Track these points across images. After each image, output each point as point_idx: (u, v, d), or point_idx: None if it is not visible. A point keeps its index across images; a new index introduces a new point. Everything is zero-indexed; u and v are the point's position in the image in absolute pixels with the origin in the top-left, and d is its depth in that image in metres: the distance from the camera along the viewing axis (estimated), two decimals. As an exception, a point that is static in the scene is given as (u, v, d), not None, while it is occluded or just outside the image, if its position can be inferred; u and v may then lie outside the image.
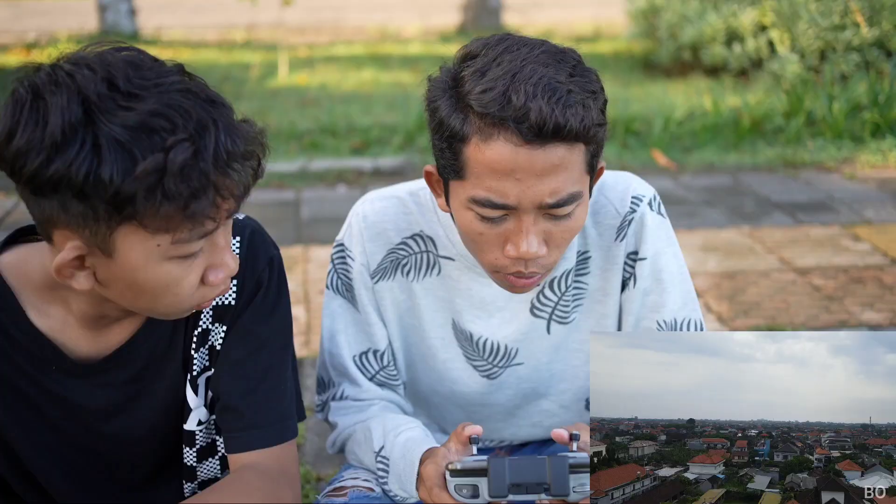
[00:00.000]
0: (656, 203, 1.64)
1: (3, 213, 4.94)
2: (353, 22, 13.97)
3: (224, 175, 1.15)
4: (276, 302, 1.46)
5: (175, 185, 1.11)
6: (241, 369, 1.43)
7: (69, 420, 1.41)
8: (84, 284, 1.22)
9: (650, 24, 8.87)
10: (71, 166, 1.10)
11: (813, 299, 3.77)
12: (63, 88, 1.12)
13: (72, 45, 4.18)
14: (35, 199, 1.15)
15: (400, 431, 1.59)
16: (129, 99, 1.12)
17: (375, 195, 1.70)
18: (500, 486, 1.31)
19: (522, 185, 1.37)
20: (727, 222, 4.76)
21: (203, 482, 1.55)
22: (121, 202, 1.12)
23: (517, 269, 1.45)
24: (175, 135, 1.11)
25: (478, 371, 1.70)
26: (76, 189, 1.11)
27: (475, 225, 1.43)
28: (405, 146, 6.15)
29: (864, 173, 5.60)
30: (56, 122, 1.10)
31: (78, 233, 1.16)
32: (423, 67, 9.19)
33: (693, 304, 1.66)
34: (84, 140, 1.10)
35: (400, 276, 1.67)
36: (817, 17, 7.17)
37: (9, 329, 1.33)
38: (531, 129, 1.32)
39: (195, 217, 1.15)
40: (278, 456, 1.45)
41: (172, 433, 1.50)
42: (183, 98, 1.14)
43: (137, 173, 1.10)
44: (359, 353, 1.69)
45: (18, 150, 1.12)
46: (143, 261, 1.18)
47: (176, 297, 1.24)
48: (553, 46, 1.41)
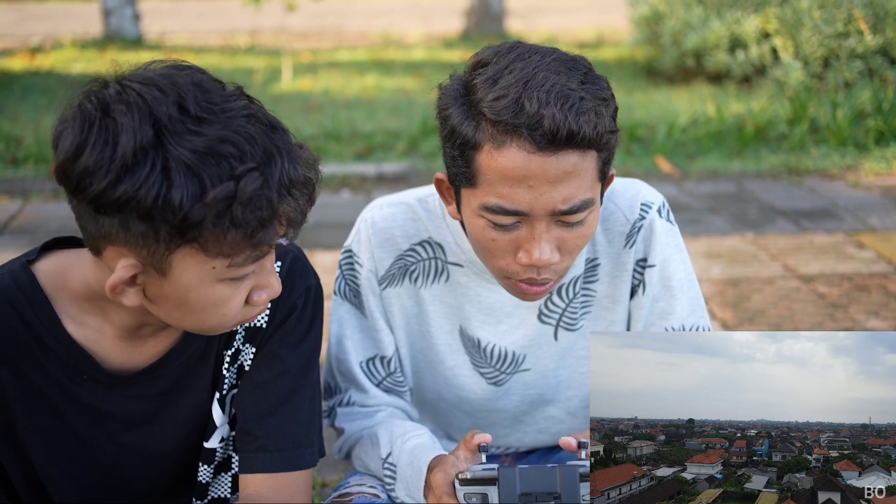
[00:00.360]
0: (665, 210, 1.64)
1: (8, 216, 4.95)
2: (357, 28, 13.99)
3: (285, 202, 1.16)
4: (308, 330, 1.46)
5: (243, 213, 1.12)
6: (262, 392, 1.44)
7: (93, 429, 1.40)
8: (133, 301, 1.22)
9: (653, 31, 8.87)
10: (140, 188, 1.09)
11: (817, 307, 3.76)
12: (134, 108, 1.11)
13: (75, 49, 4.17)
14: (94, 215, 1.14)
15: (407, 438, 1.59)
16: (199, 123, 1.12)
17: (384, 201, 1.69)
18: (511, 495, 1.30)
19: (535, 191, 1.36)
20: (731, 229, 4.76)
21: (213, 501, 1.55)
22: (187, 227, 1.12)
23: (529, 276, 1.45)
24: (244, 163, 1.12)
25: (485, 378, 1.70)
26: (143, 211, 1.11)
27: (487, 232, 1.43)
28: (409, 152, 6.15)
29: (867, 181, 5.60)
30: (127, 142, 1.09)
31: (135, 251, 1.16)
32: (427, 73, 9.20)
33: (701, 310, 1.66)
34: (154, 162, 1.10)
35: (408, 283, 1.66)
36: (821, 25, 7.17)
37: (43, 337, 1.32)
38: (544, 136, 1.32)
39: (260, 245, 1.16)
40: (284, 486, 1.44)
41: (190, 451, 1.49)
42: (248, 123, 1.14)
43: (207, 200, 1.10)
44: (366, 360, 1.69)
45: (86, 169, 1.11)
46: (197, 282, 1.18)
47: (223, 318, 1.25)
48: (564, 54, 1.41)
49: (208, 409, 1.47)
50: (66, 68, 9.63)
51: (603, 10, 15.05)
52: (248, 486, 1.45)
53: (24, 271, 1.31)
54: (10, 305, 1.30)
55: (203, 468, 1.51)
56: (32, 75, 9.21)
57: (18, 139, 6.24)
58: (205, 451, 1.49)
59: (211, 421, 1.47)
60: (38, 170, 5.72)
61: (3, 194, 5.30)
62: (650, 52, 9.10)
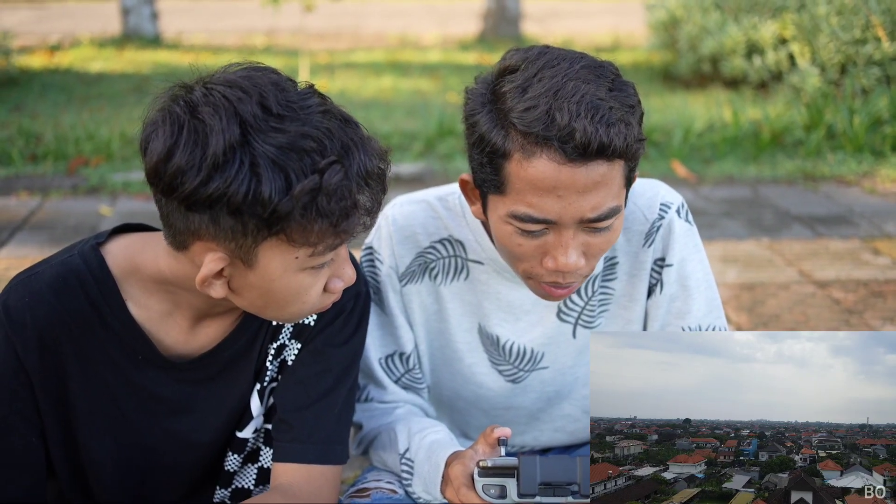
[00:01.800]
0: (684, 210, 1.65)
1: (27, 212, 4.99)
2: (373, 29, 14.03)
3: (363, 192, 1.22)
4: (353, 333, 1.53)
5: (328, 204, 1.18)
6: (303, 386, 1.49)
7: (141, 412, 1.44)
8: (220, 293, 1.27)
9: (670, 36, 8.87)
10: (231, 185, 1.15)
11: (833, 312, 3.76)
12: (220, 109, 1.17)
13: (94, 47, 4.20)
14: (185, 213, 1.20)
15: (426, 434, 1.61)
16: (280, 121, 1.18)
17: (405, 199, 1.71)
18: (531, 484, 1.32)
19: (564, 201, 1.37)
20: (747, 234, 4.76)
21: (236, 490, 1.58)
22: (276, 219, 1.17)
23: (554, 280, 1.46)
24: (325, 157, 1.18)
25: (503, 375, 1.71)
26: (233, 206, 1.16)
27: (514, 238, 1.44)
28: (425, 153, 6.17)
29: (884, 188, 5.58)
30: (217, 142, 1.15)
31: (223, 245, 1.22)
32: (443, 75, 9.22)
33: (718, 311, 1.67)
34: (242, 160, 1.15)
35: (427, 280, 1.68)
36: (838, 31, 7.15)
37: (106, 317, 1.37)
38: (576, 148, 1.32)
39: (344, 234, 1.22)
40: (314, 478, 1.48)
41: (222, 441, 1.53)
42: (324, 119, 1.20)
43: (294, 192, 1.16)
44: (385, 356, 1.71)
45: (178, 169, 1.16)
46: (281, 272, 1.24)
47: (303, 305, 1.31)
48: (592, 60, 1.41)
49: (247, 400, 1.51)
50: (84, 67, 9.70)
51: (620, 14, 15.04)
52: (280, 474, 1.49)
53: (94, 253, 1.37)
54: (79, 284, 1.35)
55: (231, 456, 1.54)
56: (51, 73, 9.29)
57: (38, 136, 6.29)
58: (237, 440, 1.53)
59: (248, 411, 1.51)
60: (58, 166, 5.77)
61: (23, 190, 5.35)
62: (667, 57, 9.09)
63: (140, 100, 8.05)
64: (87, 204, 5.13)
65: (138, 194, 5.27)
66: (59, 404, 1.39)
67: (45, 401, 1.37)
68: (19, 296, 1.34)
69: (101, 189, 5.40)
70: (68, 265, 1.36)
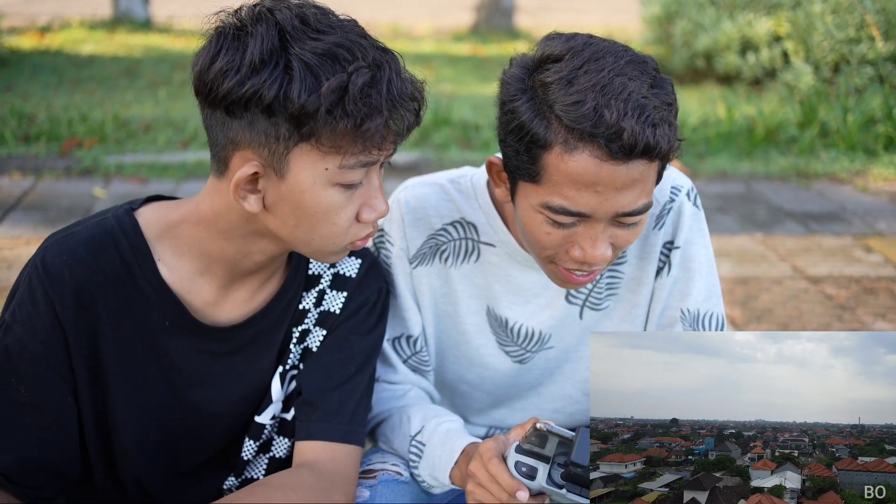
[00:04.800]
0: (693, 194, 1.66)
1: (20, 193, 4.96)
2: (365, 19, 13.92)
3: (393, 108, 1.26)
4: (376, 324, 1.59)
5: (354, 103, 1.22)
6: (329, 370, 1.52)
7: (160, 379, 1.45)
8: (254, 207, 1.30)
9: (664, 31, 8.89)
10: (265, 83, 1.21)
11: (825, 308, 3.78)
12: (263, 20, 1.25)
13: (84, 29, 4.17)
14: (227, 120, 1.26)
15: (442, 421, 1.62)
16: (318, 33, 1.25)
17: (416, 181, 1.71)
18: (584, 455, 1.31)
19: (601, 197, 1.37)
20: (740, 229, 4.78)
21: (245, 480, 1.59)
22: (304, 117, 1.22)
23: (579, 268, 1.47)
24: (356, 63, 1.23)
25: (510, 357, 1.72)
26: (265, 104, 1.22)
27: (543, 226, 1.43)
28: (420, 142, 6.16)
29: (876, 186, 5.62)
30: (255, 47, 1.22)
31: (258, 152, 1.27)
32: (436, 66, 9.20)
33: (717, 298, 1.68)
34: (278, 62, 1.22)
35: (438, 263, 1.68)
36: (833, 30, 7.19)
37: (138, 279, 1.40)
38: (622, 148, 1.32)
39: (367, 137, 1.25)
40: (339, 457, 1.50)
41: (239, 424, 1.54)
42: (361, 38, 1.27)
43: (322, 91, 1.21)
44: (392, 338, 1.71)
45: (219, 71, 1.23)
46: (311, 182, 1.28)
47: (333, 227, 1.32)
48: (636, 55, 1.40)
49: (267, 382, 1.52)
50: (74, 49, 9.63)
51: (613, 9, 15.05)
52: (305, 452, 1.50)
53: (128, 216, 1.40)
54: (114, 245, 1.38)
55: (248, 444, 1.55)
56: (42, 54, 9.21)
57: (30, 116, 6.24)
58: (254, 425, 1.54)
59: (268, 395, 1.53)
60: (50, 148, 5.73)
61: (16, 171, 5.32)
62: (661, 52, 9.11)
63: (132, 83, 8.01)
64: (81, 186, 5.10)
65: (131, 177, 5.24)
66: (92, 364, 1.40)
67: (78, 359, 1.39)
68: (56, 253, 1.36)
69: (94, 171, 5.36)
70: (103, 226, 1.39)
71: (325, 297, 1.55)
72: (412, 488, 1.65)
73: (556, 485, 1.35)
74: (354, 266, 1.57)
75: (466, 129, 6.35)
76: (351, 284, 1.55)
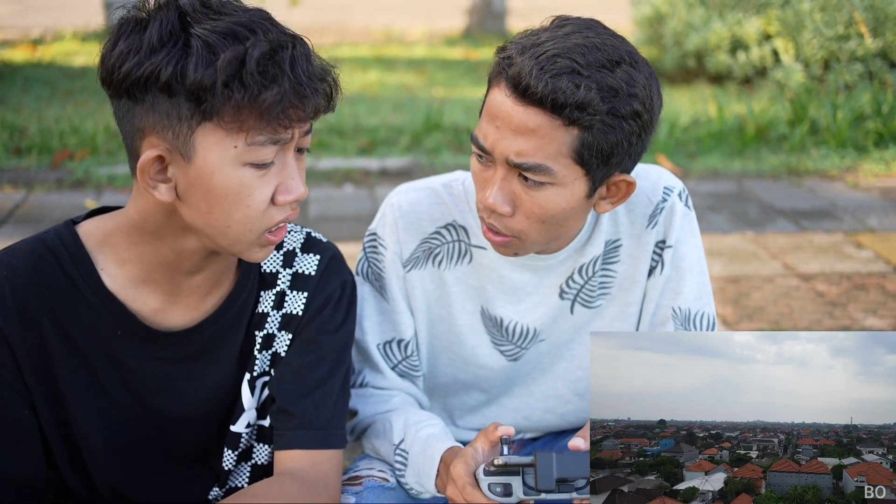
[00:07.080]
0: (685, 196, 1.69)
1: (12, 206, 4.97)
2: (359, 24, 13.99)
3: (297, 84, 1.24)
4: (343, 321, 1.56)
5: (251, 75, 1.21)
6: (300, 376, 1.51)
7: (120, 387, 1.45)
8: (166, 196, 1.29)
9: (655, 32, 8.90)
10: (162, 61, 1.21)
11: (816, 305, 3.79)
12: (164, 7, 1.26)
13: (76, 41, 4.19)
14: (130, 106, 1.26)
15: (422, 427, 1.62)
16: (219, 15, 1.25)
17: (409, 186, 1.74)
18: (548, 480, 1.31)
19: (499, 133, 1.44)
20: (731, 228, 4.79)
21: (229, 490, 1.59)
22: (202, 92, 1.21)
23: (490, 221, 1.52)
24: (255, 38, 1.23)
25: (504, 355, 1.74)
26: (163, 83, 1.22)
27: (474, 162, 1.53)
28: (412, 147, 6.18)
29: (867, 182, 5.64)
30: (155, 29, 1.23)
31: (163, 136, 1.26)
32: (429, 70, 9.21)
33: (708, 297, 1.69)
34: (177, 42, 1.23)
35: (431, 266, 1.70)
36: (822, 27, 7.20)
37: (83, 290, 1.39)
38: (517, 89, 1.40)
39: (268, 111, 1.23)
40: (320, 462, 1.50)
41: (216, 435, 1.54)
42: (266, 21, 1.27)
43: (218, 64, 1.20)
44: (383, 342, 1.72)
45: (119, 54, 1.24)
46: (220, 163, 1.26)
47: (248, 210, 1.30)
48: (610, 41, 1.44)
49: (235, 388, 1.52)
50: (67, 61, 9.63)
51: (605, 10, 15.03)
52: (285, 461, 1.50)
53: (67, 229, 1.41)
54: (54, 258, 1.38)
55: (227, 454, 1.55)
56: (34, 67, 9.21)
57: (22, 129, 6.25)
58: (230, 434, 1.53)
59: (239, 403, 1.52)
60: (42, 160, 5.73)
61: (7, 184, 5.33)
62: (652, 53, 9.12)
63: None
64: (73, 197, 5.11)
65: (123, 188, 5.25)
66: (45, 378, 1.40)
67: (29, 373, 1.39)
68: None
69: (86, 182, 5.38)
70: (43, 240, 1.40)
71: (285, 298, 1.53)
72: (398, 494, 1.65)
73: (535, 490, 1.35)
74: (313, 263, 1.54)
75: (458, 133, 6.36)
76: (311, 283, 1.53)
